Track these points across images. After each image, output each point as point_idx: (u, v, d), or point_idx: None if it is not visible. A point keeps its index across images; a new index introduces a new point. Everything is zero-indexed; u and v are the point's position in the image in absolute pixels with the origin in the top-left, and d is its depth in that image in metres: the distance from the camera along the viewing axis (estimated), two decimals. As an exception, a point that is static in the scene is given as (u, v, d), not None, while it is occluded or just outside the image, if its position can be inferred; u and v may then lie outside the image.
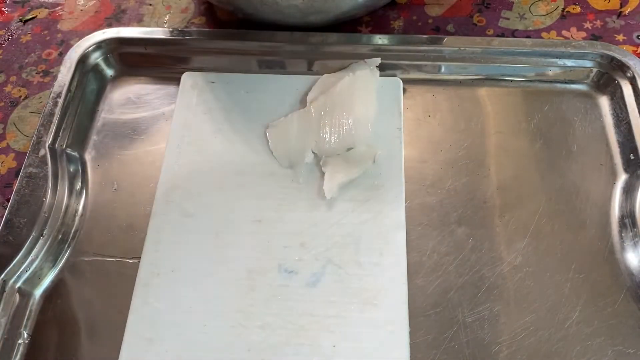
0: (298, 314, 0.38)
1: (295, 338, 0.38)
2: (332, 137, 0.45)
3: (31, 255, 0.42)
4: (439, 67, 0.50)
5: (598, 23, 0.52)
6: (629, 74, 0.47)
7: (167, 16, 0.56)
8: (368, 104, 0.46)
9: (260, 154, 0.45)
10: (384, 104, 0.46)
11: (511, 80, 0.49)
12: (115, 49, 0.51)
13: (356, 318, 0.38)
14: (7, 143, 0.49)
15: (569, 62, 0.49)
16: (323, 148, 0.45)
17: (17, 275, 0.41)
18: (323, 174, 0.44)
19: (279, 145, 0.45)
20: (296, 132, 0.45)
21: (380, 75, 0.48)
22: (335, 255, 0.40)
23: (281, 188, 0.43)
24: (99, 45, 0.50)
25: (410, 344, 0.38)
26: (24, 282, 0.41)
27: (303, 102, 0.47)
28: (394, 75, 0.49)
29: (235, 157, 0.45)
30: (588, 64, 0.48)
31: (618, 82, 0.48)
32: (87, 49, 0.50)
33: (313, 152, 0.45)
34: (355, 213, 0.42)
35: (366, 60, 0.49)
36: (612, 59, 0.48)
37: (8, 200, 0.46)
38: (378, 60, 0.48)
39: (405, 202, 0.43)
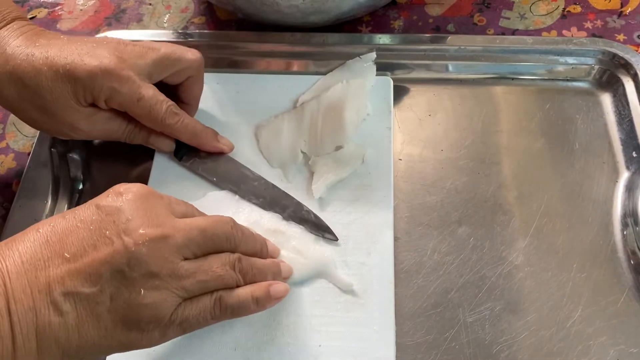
0: (284, 313, 0.38)
1: (281, 337, 0.38)
2: (322, 137, 0.44)
3: (33, 257, 0.42)
4: (440, 66, 0.49)
5: (598, 23, 0.51)
6: (631, 71, 0.47)
7: (167, 16, 0.56)
8: (359, 104, 0.45)
9: (249, 154, 0.45)
10: (374, 103, 0.46)
11: (512, 79, 0.49)
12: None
13: (342, 317, 0.38)
14: (7, 143, 0.49)
15: (571, 60, 0.48)
16: (312, 148, 0.44)
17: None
18: (312, 173, 0.43)
19: (268, 145, 0.45)
20: (286, 132, 0.45)
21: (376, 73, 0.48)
22: None
23: None
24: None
25: (411, 344, 0.38)
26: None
27: (294, 102, 0.47)
28: (394, 75, 0.49)
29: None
30: (590, 61, 0.48)
31: (620, 79, 0.47)
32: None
33: (302, 152, 0.45)
34: (343, 213, 0.42)
35: (361, 56, 0.48)
36: (614, 55, 0.47)
37: (7, 200, 0.46)
38: (373, 56, 0.48)
39: (406, 202, 0.43)
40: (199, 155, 0.44)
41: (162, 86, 0.42)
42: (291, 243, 0.40)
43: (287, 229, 0.41)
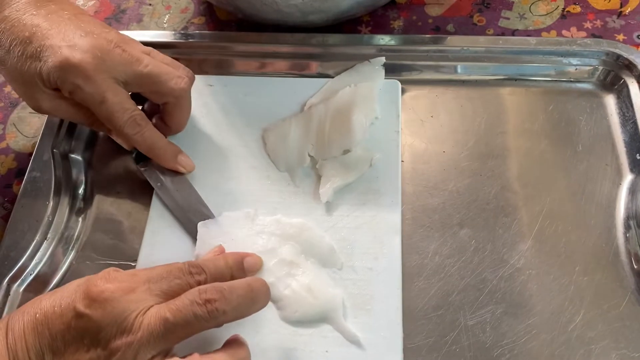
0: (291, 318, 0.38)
1: (288, 342, 0.37)
2: (329, 140, 0.44)
3: (35, 258, 0.42)
4: (443, 68, 0.49)
5: (598, 23, 0.51)
6: (635, 72, 0.46)
7: (167, 16, 0.56)
8: (367, 108, 0.45)
9: (256, 157, 0.45)
10: (382, 107, 0.46)
11: (515, 80, 0.49)
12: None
13: (349, 323, 0.38)
14: (7, 143, 0.49)
15: (574, 61, 0.48)
16: (320, 151, 0.44)
17: (21, 279, 0.41)
18: (319, 177, 0.43)
19: (275, 148, 0.45)
20: (293, 135, 0.45)
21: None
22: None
23: (277, 192, 0.43)
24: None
25: (411, 346, 0.38)
26: (28, 285, 0.41)
27: (302, 106, 0.47)
28: (396, 76, 0.48)
29: (232, 160, 0.45)
30: (593, 62, 0.48)
31: (624, 80, 0.47)
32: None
33: (310, 156, 0.44)
34: (351, 217, 0.42)
35: (370, 60, 0.48)
36: (619, 57, 0.47)
37: (8, 200, 0.46)
38: (382, 60, 0.48)
39: (408, 204, 0.43)
40: (157, 164, 0.44)
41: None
42: (304, 279, 0.39)
43: (304, 263, 0.40)
